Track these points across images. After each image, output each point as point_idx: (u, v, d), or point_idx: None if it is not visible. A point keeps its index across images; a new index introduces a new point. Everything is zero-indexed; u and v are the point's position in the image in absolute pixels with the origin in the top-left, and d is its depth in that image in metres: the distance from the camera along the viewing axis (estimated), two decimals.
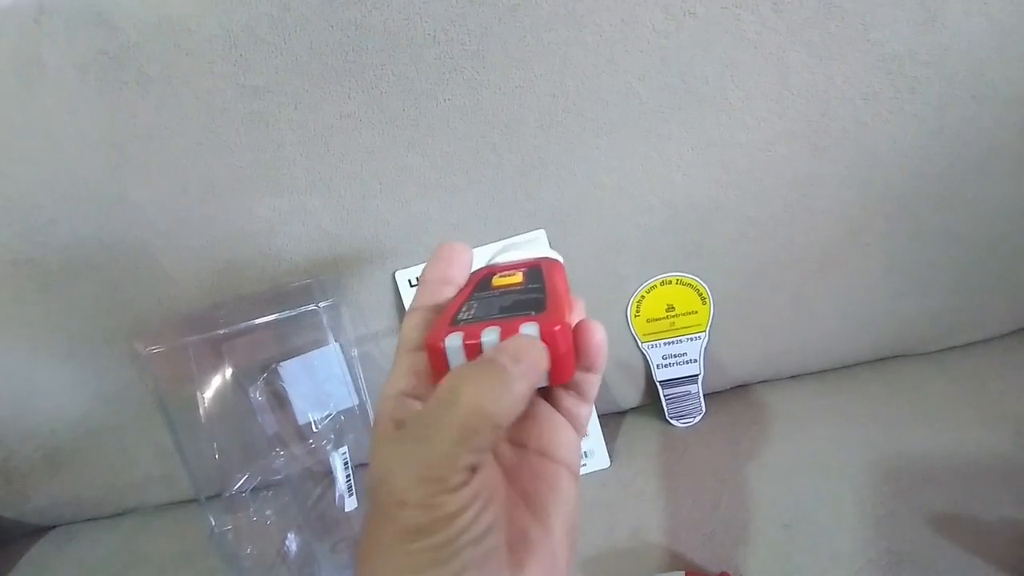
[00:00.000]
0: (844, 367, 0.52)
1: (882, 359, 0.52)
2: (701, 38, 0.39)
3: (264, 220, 0.44)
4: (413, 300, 0.24)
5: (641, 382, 0.51)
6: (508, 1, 0.38)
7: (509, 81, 0.40)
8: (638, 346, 0.49)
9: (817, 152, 0.42)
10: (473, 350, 0.20)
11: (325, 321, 0.43)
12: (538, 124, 0.41)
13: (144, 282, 0.45)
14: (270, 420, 0.43)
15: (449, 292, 0.24)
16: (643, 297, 0.47)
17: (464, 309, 0.22)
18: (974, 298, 0.48)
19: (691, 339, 0.48)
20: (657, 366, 0.49)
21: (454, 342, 0.20)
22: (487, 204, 0.44)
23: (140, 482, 0.54)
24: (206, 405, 0.44)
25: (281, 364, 0.44)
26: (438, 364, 0.21)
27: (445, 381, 0.20)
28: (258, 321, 0.44)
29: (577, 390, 0.24)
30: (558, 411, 0.24)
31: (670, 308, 0.47)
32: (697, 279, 0.46)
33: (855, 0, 0.38)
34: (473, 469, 0.19)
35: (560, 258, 0.27)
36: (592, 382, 0.24)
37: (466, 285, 0.25)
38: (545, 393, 0.24)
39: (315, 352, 0.44)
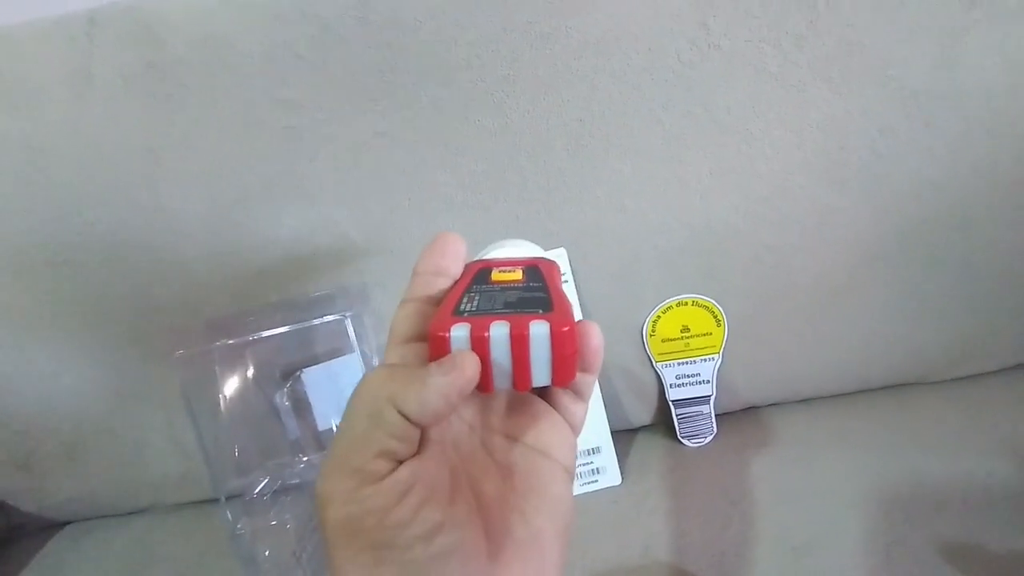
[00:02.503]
0: (856, 393, 0.52)
1: (894, 386, 0.52)
2: (725, 70, 0.40)
3: (293, 230, 0.45)
4: (406, 292, 0.23)
5: (654, 400, 0.52)
6: (540, 29, 0.40)
7: (538, 105, 0.41)
8: (652, 365, 0.50)
9: (834, 182, 0.43)
10: (480, 343, 0.20)
11: (349, 330, 0.45)
12: (564, 147, 0.43)
13: (175, 286, 0.47)
14: (293, 425, 0.44)
15: (443, 284, 0.23)
16: (659, 317, 0.48)
17: (465, 301, 0.21)
18: (988, 328, 0.49)
19: (705, 360, 0.49)
20: (670, 385, 0.50)
21: (460, 332, 0.20)
22: (511, 222, 0.45)
23: (157, 481, 0.54)
24: (228, 408, 0.45)
25: (304, 371, 0.45)
26: (439, 354, 0.20)
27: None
28: (283, 328, 0.45)
29: (574, 389, 0.23)
30: (555, 409, 0.23)
31: (685, 329, 0.48)
32: (713, 301, 0.47)
33: (874, 38, 0.40)
34: (399, 460, 0.19)
35: (555, 260, 0.26)
36: (589, 382, 0.23)
37: (462, 277, 0.24)
38: (542, 391, 0.24)
39: (338, 360, 0.45)
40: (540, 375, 0.20)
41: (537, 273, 0.24)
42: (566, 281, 0.46)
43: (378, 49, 0.41)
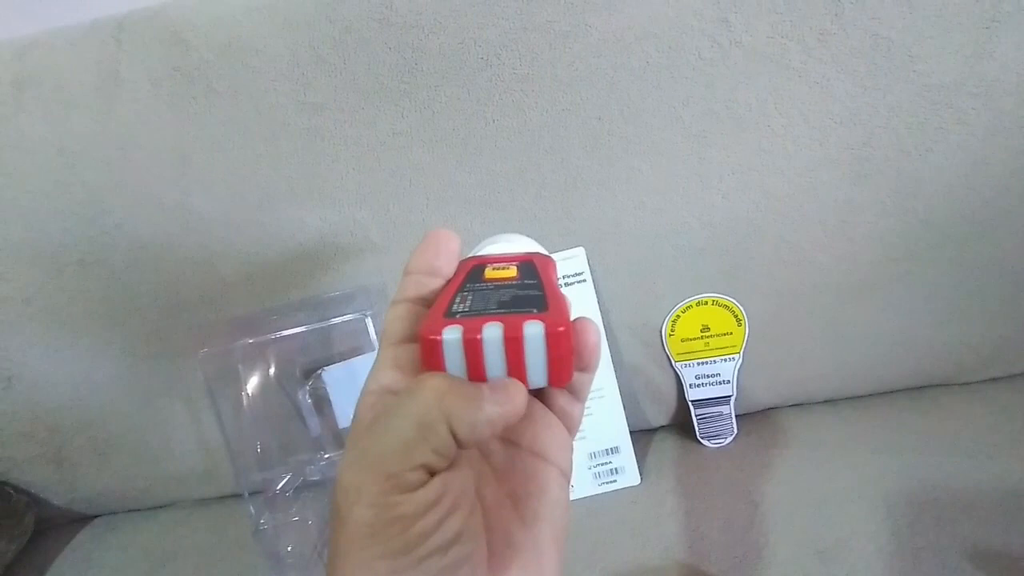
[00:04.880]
0: (880, 394, 0.51)
1: (920, 387, 0.51)
2: (746, 66, 0.40)
3: (315, 230, 0.46)
4: (397, 292, 0.22)
5: (673, 401, 0.51)
6: (559, 28, 0.40)
7: (556, 104, 0.41)
8: (671, 365, 0.49)
9: (858, 179, 0.42)
10: (473, 345, 0.19)
11: (369, 328, 0.45)
12: (582, 146, 0.43)
13: (200, 285, 0.48)
14: (314, 423, 0.45)
15: (436, 284, 0.22)
16: (679, 317, 0.47)
17: (457, 301, 0.21)
18: (1017, 329, 0.47)
19: (725, 360, 0.49)
20: (690, 385, 0.50)
21: (453, 335, 0.19)
22: (529, 221, 0.45)
23: (182, 476, 0.56)
24: (251, 405, 0.46)
25: (325, 369, 0.45)
26: (431, 357, 0.19)
27: (419, 376, 0.19)
28: (304, 327, 0.46)
29: (570, 389, 0.23)
30: (551, 410, 0.23)
31: (705, 328, 0.48)
32: (733, 301, 0.47)
33: (902, 32, 0.39)
34: (432, 471, 0.18)
35: (550, 255, 0.25)
36: (585, 381, 0.23)
37: (455, 276, 0.23)
38: (538, 392, 0.23)
39: (358, 358, 0.45)
40: (536, 377, 0.20)
41: (532, 269, 0.23)
42: (583, 280, 0.46)
43: (399, 50, 0.41)
